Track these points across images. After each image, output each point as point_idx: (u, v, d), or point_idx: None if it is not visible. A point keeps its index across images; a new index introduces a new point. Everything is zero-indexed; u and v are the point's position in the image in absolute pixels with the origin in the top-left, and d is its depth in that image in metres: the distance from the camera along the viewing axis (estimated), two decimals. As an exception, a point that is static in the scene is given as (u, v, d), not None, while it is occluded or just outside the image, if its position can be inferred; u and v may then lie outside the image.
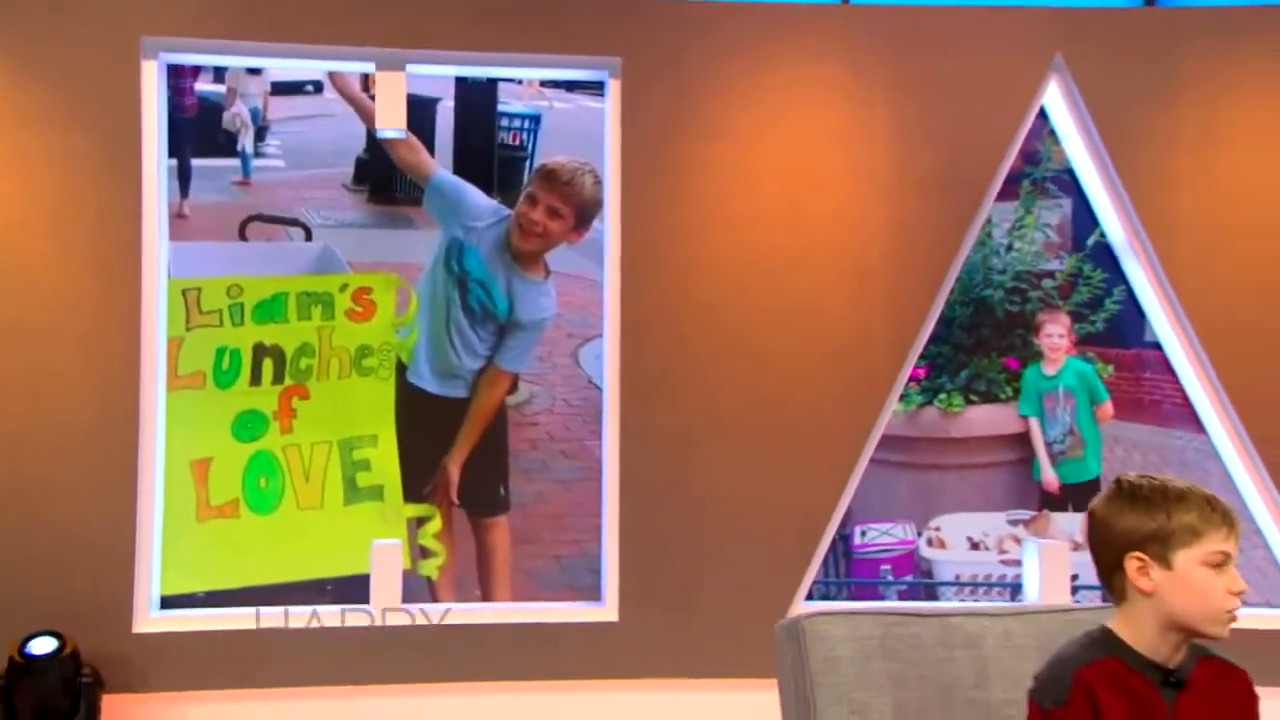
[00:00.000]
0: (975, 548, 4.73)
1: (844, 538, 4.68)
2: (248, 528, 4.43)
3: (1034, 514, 4.74)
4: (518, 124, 4.65)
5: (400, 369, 4.53)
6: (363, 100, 4.51)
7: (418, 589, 4.50)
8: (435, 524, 4.53)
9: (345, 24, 4.37)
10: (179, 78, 4.45)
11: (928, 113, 4.57)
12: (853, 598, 4.67)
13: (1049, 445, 4.75)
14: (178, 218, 4.44)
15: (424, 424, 4.53)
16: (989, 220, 4.71)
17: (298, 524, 4.47)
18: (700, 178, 4.54)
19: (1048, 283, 4.76)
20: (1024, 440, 4.76)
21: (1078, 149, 4.67)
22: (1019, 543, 4.72)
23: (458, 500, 4.53)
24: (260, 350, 4.47)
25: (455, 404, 4.55)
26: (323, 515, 4.49)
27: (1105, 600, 4.86)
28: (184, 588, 4.36)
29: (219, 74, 4.50)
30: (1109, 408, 4.73)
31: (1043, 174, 4.74)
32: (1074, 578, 4.67)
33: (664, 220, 4.52)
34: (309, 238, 4.52)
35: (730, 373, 4.51)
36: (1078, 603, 4.63)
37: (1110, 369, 4.75)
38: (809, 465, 4.51)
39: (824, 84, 4.60)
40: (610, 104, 4.56)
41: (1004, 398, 4.76)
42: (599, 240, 4.58)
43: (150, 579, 4.27)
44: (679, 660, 4.35)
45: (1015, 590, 4.69)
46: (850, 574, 4.67)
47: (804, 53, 4.59)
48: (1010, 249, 4.77)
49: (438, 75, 4.56)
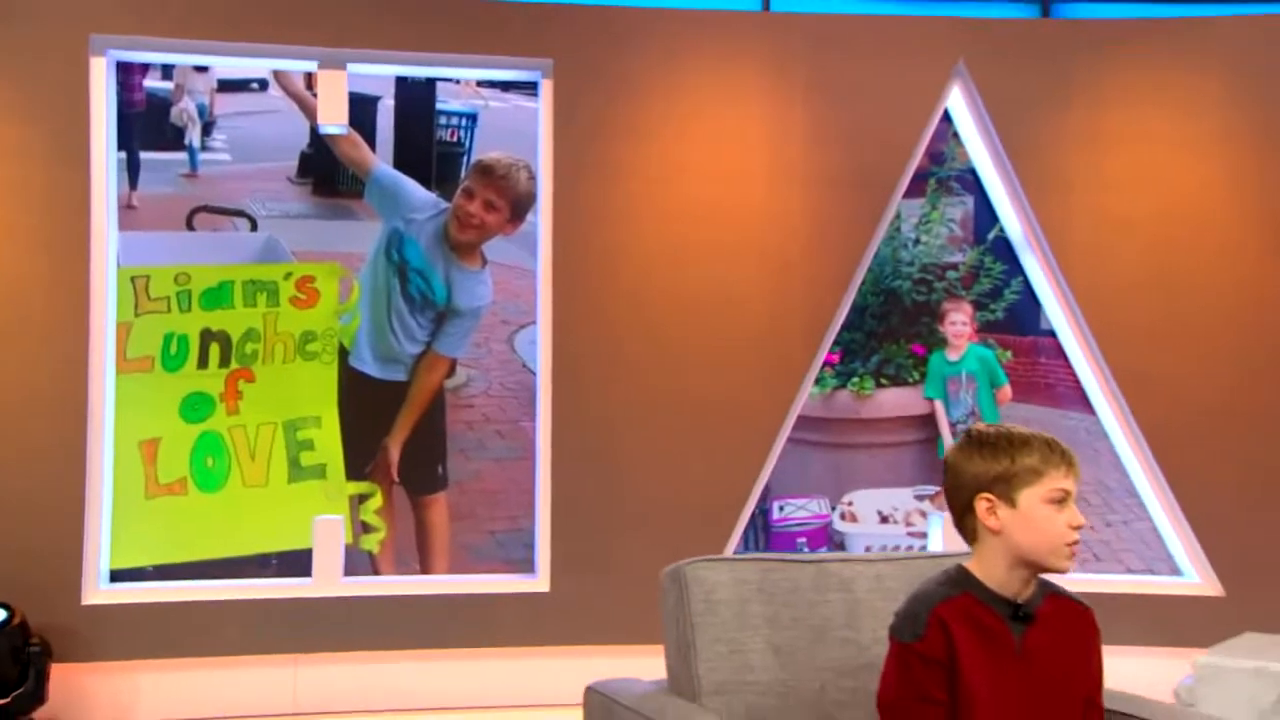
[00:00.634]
0: (885, 521, 4.91)
1: (763, 512, 4.83)
2: (195, 505, 4.48)
3: (939, 489, 4.91)
4: (455, 122, 4.74)
5: (343, 354, 4.60)
6: (306, 97, 4.58)
7: (359, 563, 4.58)
8: (376, 501, 4.61)
9: (289, 24, 4.43)
10: (128, 74, 4.48)
11: (841, 114, 4.72)
12: (771, 568, 4.81)
13: (953, 425, 4.93)
14: (127, 208, 4.47)
15: (365, 406, 4.61)
16: (898, 215, 4.87)
17: (243, 501, 4.53)
18: (628, 173, 4.66)
19: (952, 274, 4.94)
20: (930, 421, 4.94)
21: (979, 150, 4.85)
22: (925, 516, 4.90)
23: (398, 478, 4.62)
24: (207, 335, 4.52)
25: (395, 387, 4.64)
26: (267, 493, 4.55)
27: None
28: (133, 562, 4.40)
29: (167, 71, 4.53)
30: (1008, 390, 4.91)
31: (947, 173, 4.92)
32: (975, 548, 4.86)
33: (594, 213, 4.63)
34: (254, 228, 4.58)
35: (656, 357, 4.64)
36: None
37: (1009, 354, 4.93)
38: (730, 444, 4.65)
39: (745, 86, 4.74)
40: (543, 103, 4.67)
41: (911, 381, 4.93)
42: (533, 232, 4.68)
43: (99, 553, 4.31)
44: (606, 628, 4.48)
45: (921, 560, 4.86)
46: (769, 546, 4.82)
47: (726, 56, 4.73)
48: (918, 243, 4.95)
49: (378, 75, 4.63)
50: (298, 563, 4.51)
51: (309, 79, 4.56)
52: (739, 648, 1.87)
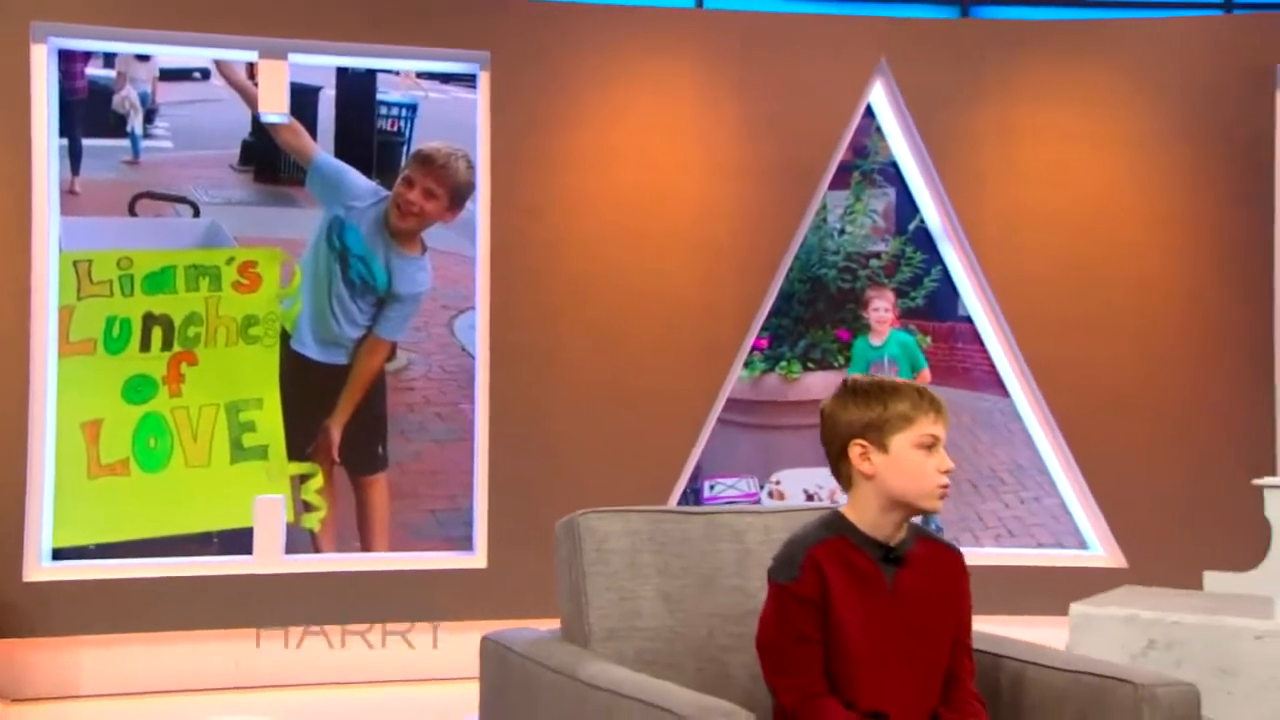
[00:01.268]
0: (811, 499, 4.96)
1: (694, 490, 4.87)
2: (137, 485, 4.44)
3: (862, 469, 4.97)
4: (395, 112, 4.73)
5: (284, 337, 4.58)
6: (248, 87, 4.55)
7: (301, 541, 4.56)
8: (317, 481, 4.59)
9: (230, 15, 4.40)
10: (70, 62, 4.43)
11: (770, 108, 4.77)
12: (702, 545, 4.85)
13: (875, 408, 4.98)
14: (69, 194, 4.42)
15: (307, 388, 4.59)
16: (824, 206, 4.93)
17: (186, 481, 4.49)
18: (564, 164, 4.68)
19: (875, 263, 5.01)
20: (854, 403, 4.98)
21: (900, 144, 4.92)
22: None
23: (339, 459, 4.60)
24: (150, 319, 4.47)
25: (337, 370, 4.62)
26: (210, 473, 4.52)
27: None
28: (76, 540, 4.35)
29: (109, 59, 4.49)
30: (927, 374, 4.98)
31: (870, 166, 4.99)
32: (896, 525, 4.92)
33: (531, 202, 4.65)
34: (196, 214, 4.54)
35: (591, 341, 4.66)
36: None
37: (929, 340, 5.01)
38: (662, 425, 4.68)
39: (677, 80, 4.78)
40: (481, 95, 4.67)
41: (837, 365, 4.99)
42: (471, 220, 4.69)
43: (41, 532, 4.26)
44: (541, 602, 4.42)
45: (845, 536, 4.92)
46: (699, 524, 4.85)
47: (659, 51, 4.76)
48: (842, 233, 5.01)
49: (319, 65, 4.61)
50: (240, 541, 4.48)
51: (250, 69, 4.53)
52: (629, 595, 1.89)
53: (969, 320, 4.97)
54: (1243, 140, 4.73)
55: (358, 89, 4.69)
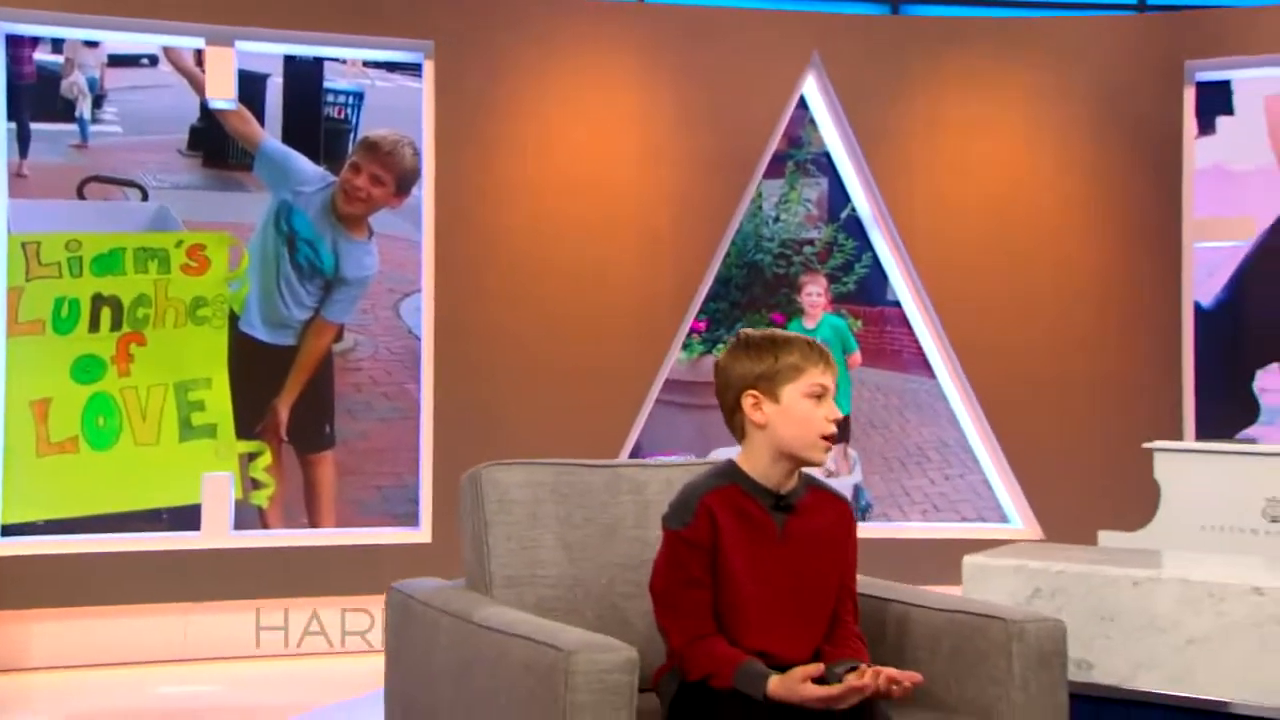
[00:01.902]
0: (746, 476, 4.97)
1: (634, 468, 4.86)
2: (86, 462, 4.38)
3: (796, 447, 5.00)
4: (342, 100, 4.69)
5: (233, 319, 4.53)
6: (195, 73, 4.49)
7: (250, 517, 4.51)
8: (265, 459, 4.55)
9: (177, 2, 4.35)
10: (18, 47, 4.36)
11: (706, 99, 4.78)
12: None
13: (809, 388, 5.01)
14: (17, 177, 4.34)
15: (255, 369, 4.55)
16: (760, 195, 4.95)
17: (135, 459, 4.43)
18: (507, 151, 4.67)
19: (808, 249, 5.04)
20: (788, 384, 5.01)
21: (832, 135, 4.96)
22: (783, 471, 4.98)
23: (286, 437, 4.56)
24: (99, 300, 4.41)
25: (284, 351, 4.58)
26: (159, 451, 4.46)
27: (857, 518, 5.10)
28: (25, 517, 4.28)
29: (57, 45, 4.42)
30: (858, 356, 5.02)
31: (804, 156, 5.02)
32: (828, 500, 4.96)
33: (475, 188, 4.63)
34: (145, 198, 4.48)
35: (534, 323, 4.65)
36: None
37: (859, 323, 5.05)
38: (603, 404, 4.68)
39: (618, 70, 4.78)
40: (426, 83, 4.65)
41: (771, 348, 5.00)
42: (417, 205, 4.66)
43: (-11, 508, 4.19)
44: (484, 574, 4.47)
45: (779, 512, 4.94)
46: (639, 500, 4.85)
47: (600, 42, 4.76)
48: (777, 220, 5.03)
49: (267, 53, 4.57)
50: (189, 517, 4.43)
51: (198, 56, 4.48)
52: (530, 544, 1.89)
53: (897, 305, 5.02)
54: (1154, 132, 4.81)
55: (305, 77, 4.65)
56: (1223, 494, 2.83)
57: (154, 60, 4.51)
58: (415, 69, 4.70)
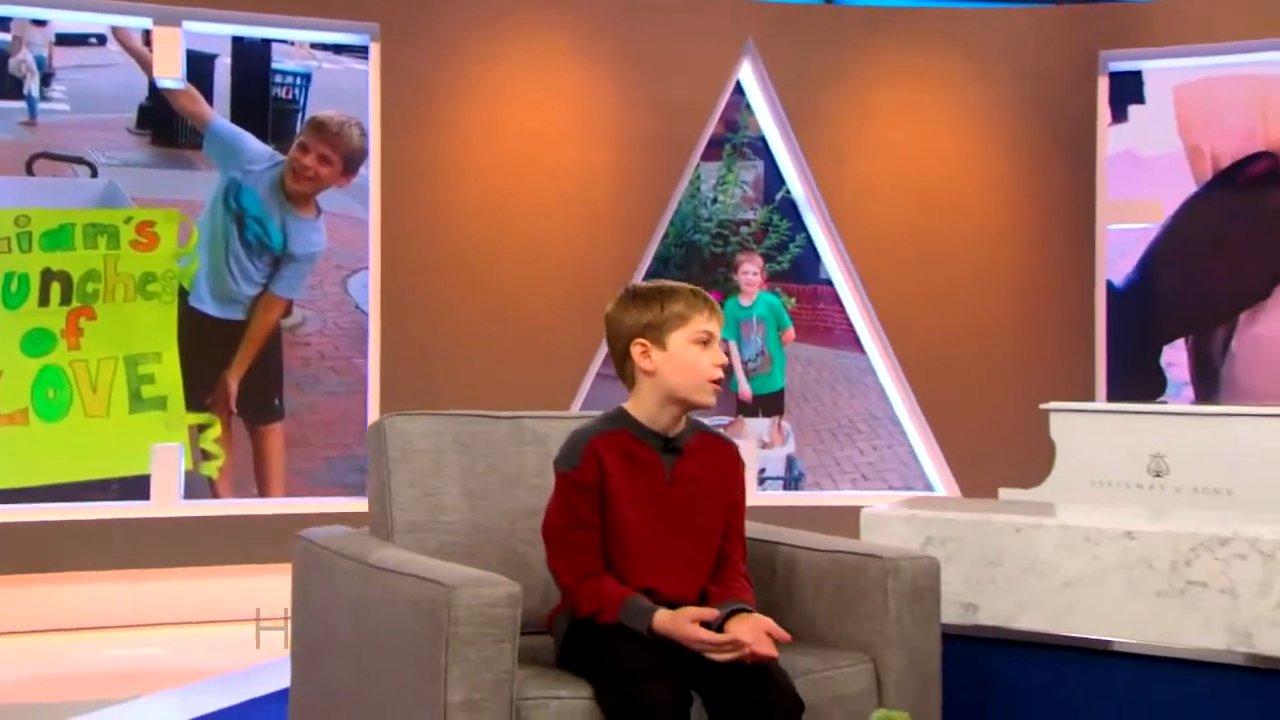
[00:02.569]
0: (684, 447, 4.97)
1: (575, 440, 4.84)
2: (37, 434, 4.29)
3: (732, 419, 5.02)
4: (290, 80, 4.62)
5: (182, 294, 4.46)
6: (144, 53, 4.41)
7: (200, 487, 4.46)
8: (215, 430, 4.49)
9: (125, -18, 4.27)
10: (-34, 25, 4.25)
11: (645, 84, 4.76)
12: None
13: (745, 363, 5.03)
14: (-34, 152, 4.25)
15: (205, 343, 4.48)
16: (698, 177, 4.95)
17: (85, 430, 4.36)
18: (452, 132, 4.62)
19: (745, 230, 5.04)
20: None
21: (767, 120, 4.96)
22: (719, 443, 4.99)
23: (236, 409, 4.51)
24: (48, 275, 4.32)
25: (234, 325, 4.52)
26: (109, 423, 4.39)
27: (788, 488, 5.11)
28: (-26, 487, 4.20)
29: (4, 23, 4.31)
30: (792, 333, 5.04)
31: (741, 140, 5.01)
32: (761, 471, 4.98)
33: (421, 168, 4.59)
34: (94, 175, 4.39)
35: (478, 299, 4.62)
36: (762, 491, 4.97)
37: (793, 301, 5.06)
38: (545, 378, 4.66)
39: (559, 53, 4.75)
40: (371, 65, 4.59)
41: (709, 324, 5.00)
42: (364, 184, 4.61)
43: (-64, 477, 4.10)
44: (428, 541, 4.44)
45: (715, 481, 4.95)
46: (581, 470, 4.84)
47: (542, 25, 4.73)
48: (715, 201, 5.03)
49: (215, 34, 4.49)
50: (140, 487, 4.37)
51: (146, 35, 4.39)
52: (433, 491, 1.87)
53: (829, 283, 5.03)
54: (1070, 119, 4.85)
55: (253, 57, 4.57)
56: (1111, 451, 2.87)
57: (102, 39, 4.41)
58: (362, 51, 4.64)
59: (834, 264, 4.98)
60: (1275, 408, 3.28)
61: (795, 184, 4.99)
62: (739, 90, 4.94)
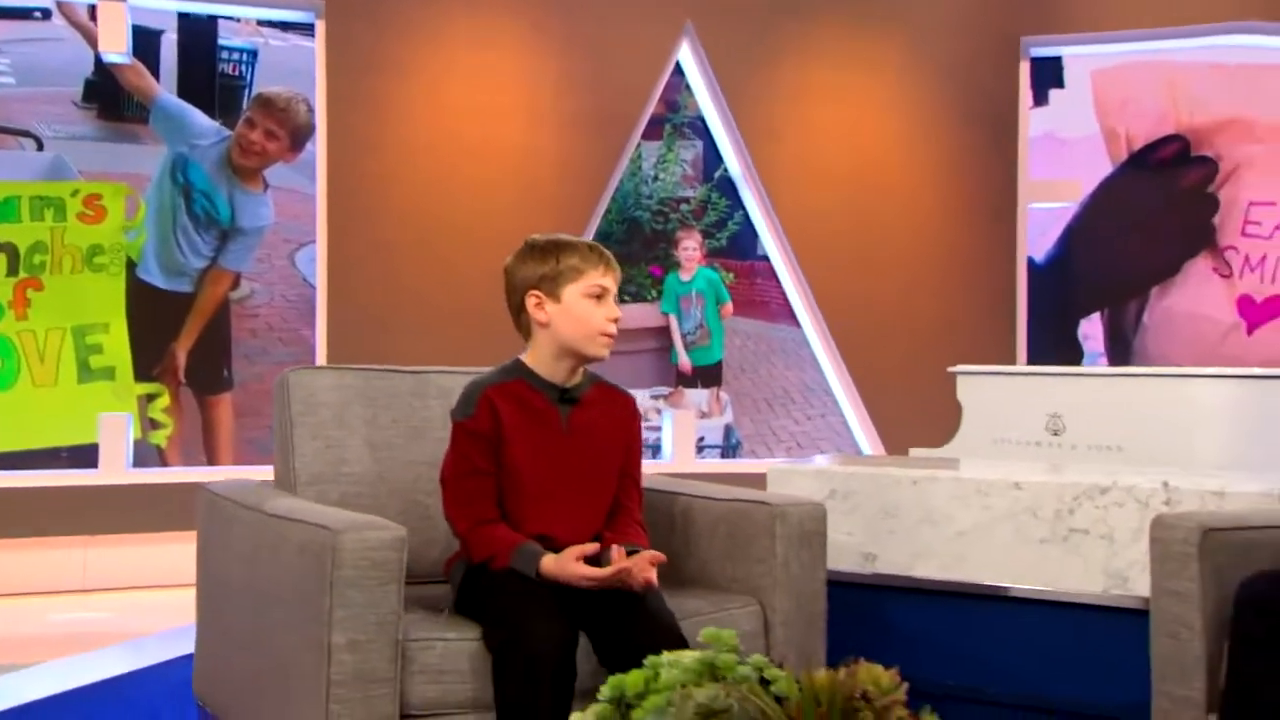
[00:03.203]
0: (625, 417, 4.93)
1: (520, 410, 4.79)
2: (-17, 403, 4.17)
3: (671, 390, 4.99)
4: (236, 57, 4.50)
5: (130, 266, 4.35)
6: (89, 27, 4.27)
7: (150, 456, 4.36)
8: (164, 400, 4.39)
9: (68, -44, 4.12)
10: (-92, -3, 4.09)
11: (587, 64, 4.69)
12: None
13: (684, 336, 4.99)
14: (-91, 124, 4.10)
15: (153, 314, 4.37)
16: (639, 155, 4.89)
17: (33, 400, 4.23)
18: (397, 109, 4.53)
19: (684, 207, 5.00)
20: (665, 332, 4.99)
21: (705, 100, 4.90)
22: (660, 413, 4.97)
23: (184, 380, 4.40)
24: (-6, 246, 4.19)
25: (182, 298, 4.41)
26: (57, 392, 4.27)
27: (726, 456, 5.08)
28: (-79, 456, 4.08)
29: (-53, -5, 4.16)
30: (730, 307, 5.01)
31: (680, 119, 4.96)
32: (700, 440, 4.96)
33: (366, 144, 4.49)
34: (40, 148, 4.26)
35: (422, 273, 4.54)
36: (701, 459, 4.94)
37: (731, 276, 5.03)
38: (491, 348, 4.47)
39: (504, 33, 4.66)
40: (317, 42, 4.48)
41: (650, 298, 4.98)
42: (311, 160, 4.51)
43: (-119, 445, 3.96)
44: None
45: (655, 450, 4.93)
46: (525, 439, 4.79)
47: (486, 5, 4.63)
48: (656, 179, 4.98)
49: (161, 9, 4.36)
50: (88, 456, 4.26)
51: (91, 10, 4.25)
52: (336, 444, 1.82)
53: (766, 259, 5.01)
54: (993, 102, 4.86)
55: (199, 34, 4.45)
56: (1012, 411, 2.87)
57: (46, 14, 4.27)
58: (308, 29, 4.53)
59: (770, 241, 4.96)
60: (1161, 369, 3.31)
61: (733, 163, 4.95)
62: (679, 71, 4.89)
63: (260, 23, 4.52)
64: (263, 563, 1.59)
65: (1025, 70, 4.88)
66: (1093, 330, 4.95)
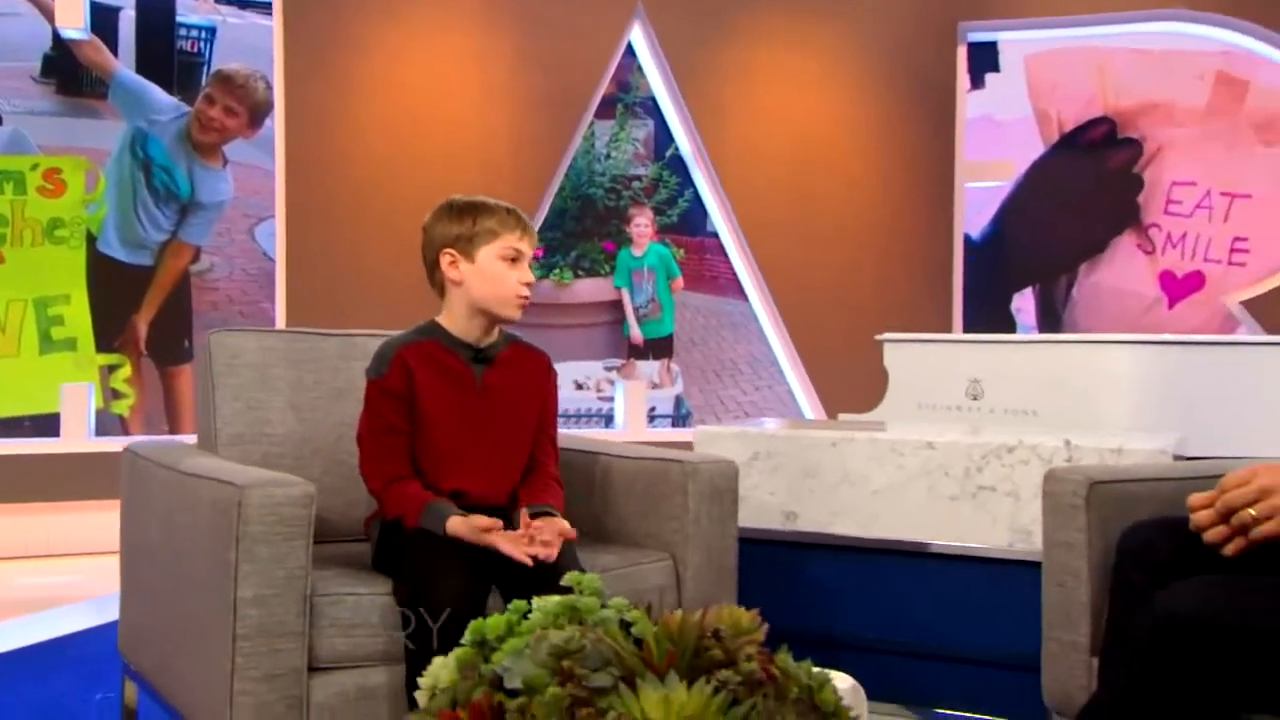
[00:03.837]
0: (580, 388, 4.90)
1: (477, 380, 4.72)
2: (-55, 374, 4.04)
3: (624, 362, 4.94)
4: (195, 34, 4.36)
5: (90, 239, 4.21)
6: (46, 3, 4.11)
7: (112, 425, 4.25)
8: (125, 371, 4.27)
9: (22, -70, 3.96)
10: None
11: (541, 45, 4.60)
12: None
13: (636, 310, 4.95)
14: None
15: (114, 287, 4.25)
16: (592, 134, 4.81)
17: (-5, 370, 4.11)
18: (355, 87, 4.42)
19: (636, 185, 4.93)
20: (617, 306, 4.94)
21: (656, 81, 4.83)
22: (612, 384, 4.92)
23: (146, 351, 4.29)
24: (-46, 220, 4.04)
25: (142, 270, 4.29)
26: (19, 363, 4.15)
27: (677, 426, 5.04)
28: (-118, 425, 3.94)
29: (-100, -32, 3.98)
30: (680, 282, 4.96)
31: (632, 100, 4.89)
32: (651, 409, 4.92)
33: (324, 121, 4.38)
34: (-1, 122, 4.11)
35: (379, 246, 4.44)
36: (653, 428, 4.91)
37: (682, 252, 4.98)
38: (446, 322, 4.51)
39: (459, 13, 4.56)
40: (275, 20, 4.35)
41: (603, 273, 4.92)
42: (270, 136, 4.39)
43: None
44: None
45: (608, 420, 4.89)
46: (482, 408, 4.73)
47: (442, -12, 4.53)
48: (608, 157, 4.90)
49: (118, -15, 4.21)
50: (51, 425, 4.15)
51: (48, -15, 4.10)
52: (258, 405, 1.75)
53: (715, 236, 4.96)
54: (932, 85, 4.82)
55: (157, 10, 4.30)
56: (935, 377, 2.85)
57: (2, -12, 4.11)
58: (265, 7, 4.39)
59: (719, 218, 4.91)
60: (1070, 336, 3.31)
61: (683, 142, 4.89)
62: (630, 53, 4.81)
63: (218, 0, 4.37)
64: (177, 521, 1.53)
65: (962, 54, 4.85)
66: (1025, 304, 4.95)
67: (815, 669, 0.83)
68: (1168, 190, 4.83)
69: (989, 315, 4.90)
